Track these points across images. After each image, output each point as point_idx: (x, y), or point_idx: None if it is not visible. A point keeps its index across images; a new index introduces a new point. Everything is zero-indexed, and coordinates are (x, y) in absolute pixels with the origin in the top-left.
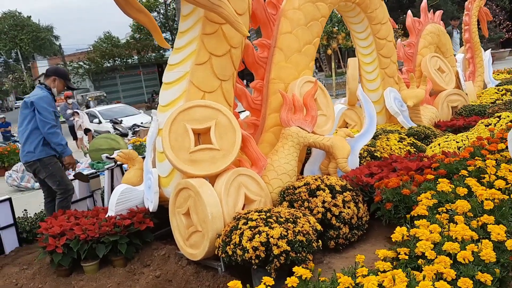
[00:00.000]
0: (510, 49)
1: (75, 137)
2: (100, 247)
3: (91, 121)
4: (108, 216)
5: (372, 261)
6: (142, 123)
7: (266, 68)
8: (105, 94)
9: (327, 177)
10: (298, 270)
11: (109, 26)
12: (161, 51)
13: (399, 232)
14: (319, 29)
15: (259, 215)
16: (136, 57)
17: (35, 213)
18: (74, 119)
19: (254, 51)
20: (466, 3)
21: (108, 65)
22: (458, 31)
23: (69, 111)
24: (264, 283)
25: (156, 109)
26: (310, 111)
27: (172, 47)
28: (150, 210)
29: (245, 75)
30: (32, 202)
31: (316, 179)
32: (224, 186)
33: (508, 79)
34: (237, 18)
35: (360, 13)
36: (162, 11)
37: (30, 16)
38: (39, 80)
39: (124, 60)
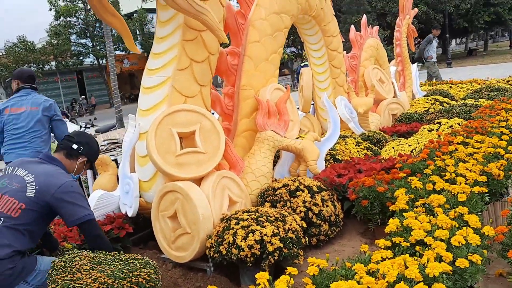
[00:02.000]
0: (421, 64)
1: None
2: None
3: None
4: None
5: (353, 254)
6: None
7: (237, 75)
8: None
9: (303, 179)
10: (313, 260)
11: (20, 31)
12: (80, 58)
13: (393, 223)
14: (283, 39)
15: (249, 215)
16: (53, 63)
17: None
18: None
19: (227, 58)
20: (397, 20)
21: None
22: (437, 40)
23: None
24: (289, 273)
25: (75, 118)
26: (283, 116)
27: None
28: (129, 215)
29: None
30: None
31: (293, 181)
32: (211, 188)
33: (431, 90)
34: (219, 25)
35: (315, 26)
36: (82, 17)
37: None
38: (29, 85)
39: (41, 66)
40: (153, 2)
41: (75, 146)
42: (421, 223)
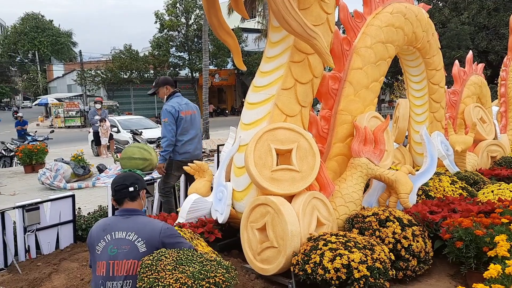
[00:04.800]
0: None
1: (98, 143)
2: None
3: None
4: (178, 222)
5: None
6: None
7: (336, 100)
8: (117, 104)
9: (393, 210)
10: None
11: (124, 39)
12: (177, 69)
13: (494, 269)
14: (385, 68)
15: (337, 239)
16: (152, 72)
17: (89, 212)
18: (100, 125)
19: (329, 82)
20: (504, 59)
21: (125, 76)
22: None
23: (97, 117)
24: None
25: None
26: (379, 145)
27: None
28: (220, 221)
29: None
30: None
31: (384, 211)
32: (302, 206)
33: None
34: (327, 50)
35: (418, 58)
36: (183, 32)
37: (52, 20)
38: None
39: (141, 73)
40: (249, 22)
41: (131, 189)
42: None
